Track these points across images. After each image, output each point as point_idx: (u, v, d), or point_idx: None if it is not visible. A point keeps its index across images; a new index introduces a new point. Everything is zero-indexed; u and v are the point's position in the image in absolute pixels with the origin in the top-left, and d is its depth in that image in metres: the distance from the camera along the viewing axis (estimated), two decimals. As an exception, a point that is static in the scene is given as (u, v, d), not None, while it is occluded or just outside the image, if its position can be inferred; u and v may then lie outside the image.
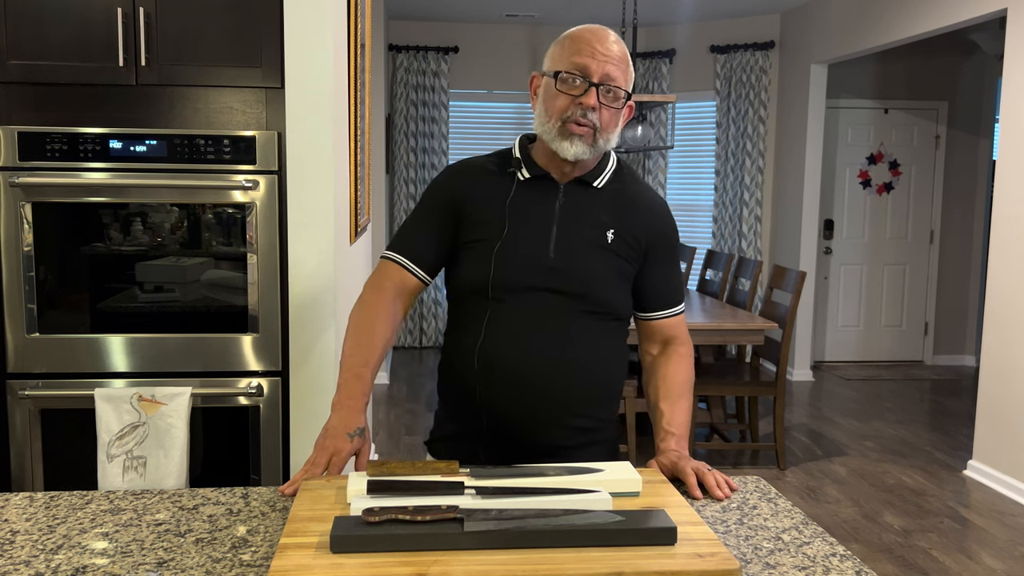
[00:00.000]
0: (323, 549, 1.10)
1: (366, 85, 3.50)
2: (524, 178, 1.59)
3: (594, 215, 1.58)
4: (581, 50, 1.50)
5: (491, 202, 1.57)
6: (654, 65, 7.13)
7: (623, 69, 1.52)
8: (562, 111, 1.50)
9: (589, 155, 1.54)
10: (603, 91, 1.50)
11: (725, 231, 6.96)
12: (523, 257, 1.54)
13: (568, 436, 1.59)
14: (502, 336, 1.54)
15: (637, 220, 1.61)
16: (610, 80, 1.50)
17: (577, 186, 1.59)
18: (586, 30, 1.53)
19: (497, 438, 1.58)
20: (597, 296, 1.57)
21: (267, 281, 2.49)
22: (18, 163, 2.40)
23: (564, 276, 1.54)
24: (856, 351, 7.04)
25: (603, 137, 1.53)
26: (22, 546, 1.23)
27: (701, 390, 4.34)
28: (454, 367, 1.61)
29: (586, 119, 1.49)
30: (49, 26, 2.41)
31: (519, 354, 1.53)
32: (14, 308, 2.44)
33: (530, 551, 1.10)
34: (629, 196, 1.63)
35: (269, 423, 2.53)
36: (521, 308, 1.54)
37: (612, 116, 1.53)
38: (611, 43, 1.51)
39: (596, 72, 1.49)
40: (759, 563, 1.20)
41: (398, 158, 7.15)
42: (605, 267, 1.58)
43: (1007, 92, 4.22)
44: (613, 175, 1.63)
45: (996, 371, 4.26)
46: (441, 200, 1.61)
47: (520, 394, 1.54)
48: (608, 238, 1.58)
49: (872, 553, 3.43)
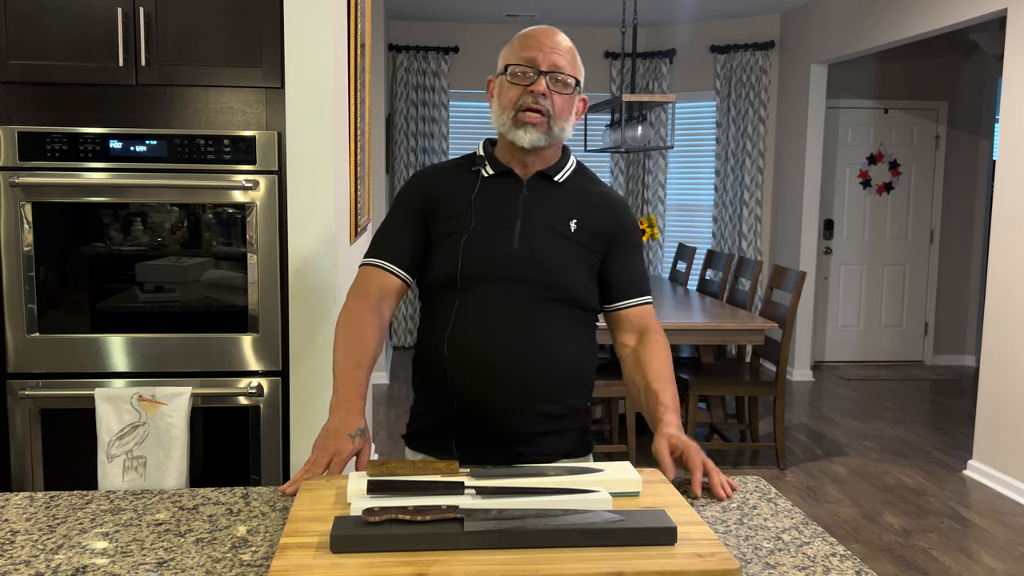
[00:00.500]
0: (323, 549, 1.10)
1: (366, 85, 3.50)
2: (488, 175, 1.66)
3: (557, 206, 1.65)
4: (529, 45, 1.58)
5: (457, 199, 1.64)
6: (654, 65, 7.13)
7: (570, 60, 1.60)
8: (514, 101, 1.58)
9: (544, 142, 1.60)
10: (551, 79, 1.58)
11: (725, 231, 6.96)
12: (489, 248, 1.60)
13: (538, 422, 1.62)
14: (471, 325, 1.59)
15: (598, 214, 1.68)
16: (558, 69, 1.58)
17: (540, 180, 1.66)
18: (534, 28, 1.62)
19: (468, 426, 1.61)
20: (562, 284, 1.62)
21: (267, 281, 2.49)
22: (18, 163, 2.40)
23: (529, 265, 1.60)
24: (856, 351, 7.04)
25: (557, 124, 1.60)
26: (22, 546, 1.23)
27: (701, 390, 4.34)
28: (425, 359, 1.66)
29: (538, 104, 1.56)
30: (49, 26, 2.41)
31: (487, 342, 1.58)
32: (14, 308, 2.44)
33: (530, 551, 1.10)
34: (589, 192, 1.71)
35: (269, 423, 2.53)
36: (488, 298, 1.59)
37: (564, 102, 1.60)
38: (558, 38, 1.61)
39: (544, 62, 1.57)
40: (759, 563, 1.20)
41: (398, 158, 7.16)
42: (569, 256, 1.63)
43: (1007, 92, 4.22)
44: (574, 172, 1.70)
45: (996, 371, 4.26)
46: (411, 201, 1.68)
47: (489, 381, 1.58)
48: (571, 227, 1.64)
49: (872, 553, 3.43)
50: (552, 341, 1.61)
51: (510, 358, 1.57)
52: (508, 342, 1.57)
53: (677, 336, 4.14)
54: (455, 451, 1.63)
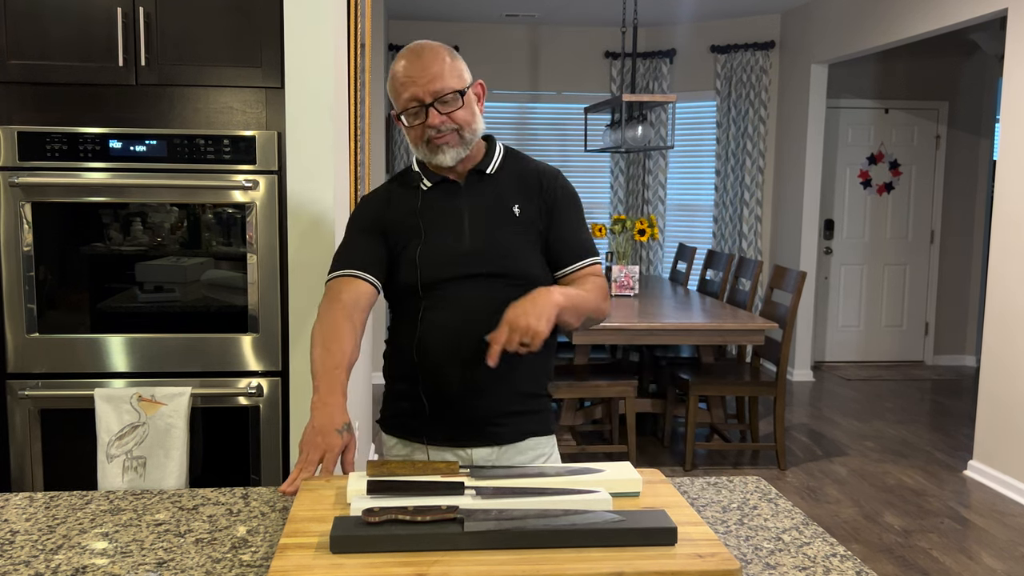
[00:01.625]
0: (323, 549, 1.10)
1: (366, 85, 3.49)
2: (427, 187, 1.73)
3: (497, 196, 1.72)
4: (405, 84, 1.62)
5: (404, 214, 1.71)
6: (654, 65, 7.13)
7: (444, 75, 1.62)
8: (420, 137, 1.65)
9: (465, 152, 1.67)
10: (439, 104, 1.61)
11: (725, 231, 6.96)
12: (443, 251, 1.67)
13: (505, 407, 1.69)
14: (436, 329, 1.66)
15: (535, 188, 1.74)
16: (439, 93, 1.61)
17: (474, 176, 1.73)
18: (401, 60, 1.64)
19: (438, 415, 1.69)
20: (516, 269, 1.68)
21: (267, 281, 2.49)
22: (18, 163, 2.40)
23: (483, 258, 1.66)
24: (856, 351, 7.04)
25: (467, 131, 1.65)
26: (22, 546, 1.23)
27: (701, 390, 4.34)
28: (396, 357, 1.74)
29: (441, 132, 1.63)
30: (49, 26, 2.40)
31: (452, 342, 1.64)
32: (14, 308, 2.44)
33: (530, 551, 1.10)
34: (524, 172, 1.76)
35: (269, 423, 2.53)
36: (449, 300, 1.66)
37: (462, 112, 1.64)
38: (426, 60, 1.62)
39: (425, 94, 1.61)
40: (759, 563, 1.20)
41: (398, 158, 7.15)
42: (518, 240, 1.70)
43: (1007, 92, 4.22)
44: (504, 159, 1.76)
45: (997, 371, 4.25)
46: (364, 220, 1.75)
47: (457, 378, 1.65)
48: (515, 212, 1.71)
49: (872, 553, 3.43)
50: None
51: (476, 353, 1.61)
52: (473, 338, 1.61)
53: (677, 336, 4.14)
54: (425, 438, 1.72)
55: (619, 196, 7.24)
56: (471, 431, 1.69)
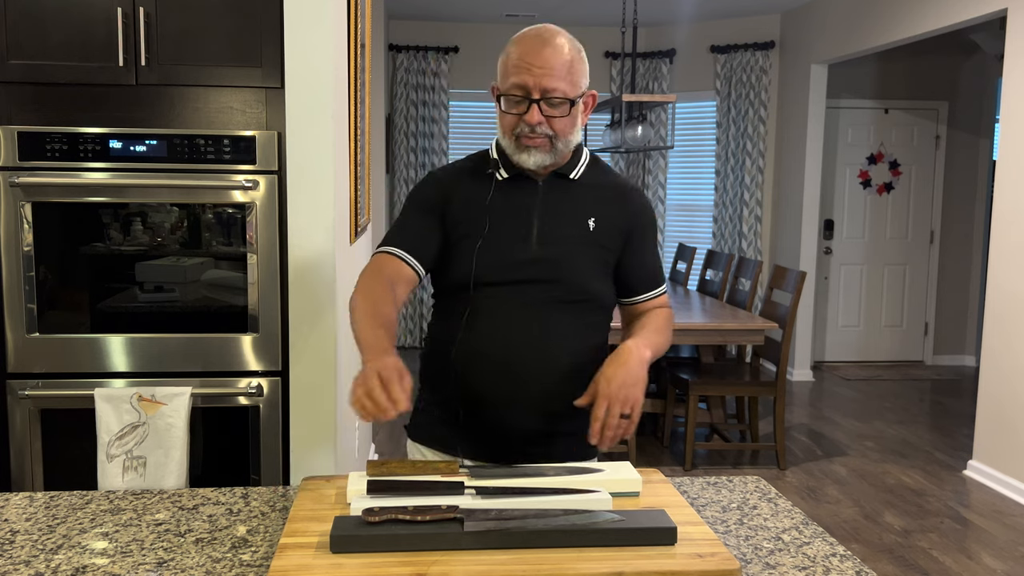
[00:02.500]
0: (323, 549, 1.10)
1: (366, 85, 3.49)
2: (502, 178, 1.61)
3: (575, 206, 1.61)
4: (519, 68, 1.50)
5: (472, 202, 1.60)
6: (654, 65, 7.13)
7: (564, 75, 1.51)
8: (512, 128, 1.54)
9: (550, 160, 1.56)
10: (545, 103, 1.51)
11: (725, 231, 6.96)
12: (504, 252, 1.56)
13: (543, 425, 1.60)
14: (481, 331, 1.56)
15: (616, 208, 1.65)
16: (550, 92, 1.50)
17: (555, 179, 1.62)
18: (523, 41, 1.53)
19: (474, 426, 1.60)
20: (581, 286, 1.59)
21: (267, 281, 2.49)
22: (18, 163, 2.40)
23: (545, 267, 1.57)
24: (856, 351, 7.04)
25: (561, 141, 1.55)
26: (22, 546, 1.23)
27: (701, 390, 4.34)
28: (436, 355, 1.64)
29: (535, 133, 1.52)
30: (49, 26, 2.40)
31: (496, 348, 1.55)
32: (14, 308, 2.44)
33: (530, 551, 1.10)
34: (606, 185, 1.67)
35: (269, 423, 2.53)
36: (501, 303, 1.56)
37: (564, 122, 1.54)
38: (548, 53, 1.50)
39: (535, 88, 1.49)
40: (759, 563, 1.20)
41: (398, 158, 7.16)
42: (588, 257, 1.61)
43: (1007, 92, 4.22)
44: (588, 167, 1.66)
45: (996, 371, 4.25)
46: (427, 201, 1.63)
47: (496, 385, 1.56)
48: (590, 226, 1.61)
49: (872, 553, 3.43)
50: (565, 341, 1.59)
51: (518, 363, 1.55)
52: (518, 347, 1.55)
53: (677, 336, 4.14)
54: (459, 450, 1.62)
55: (619, 196, 7.23)
56: (510, 449, 1.58)
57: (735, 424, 4.96)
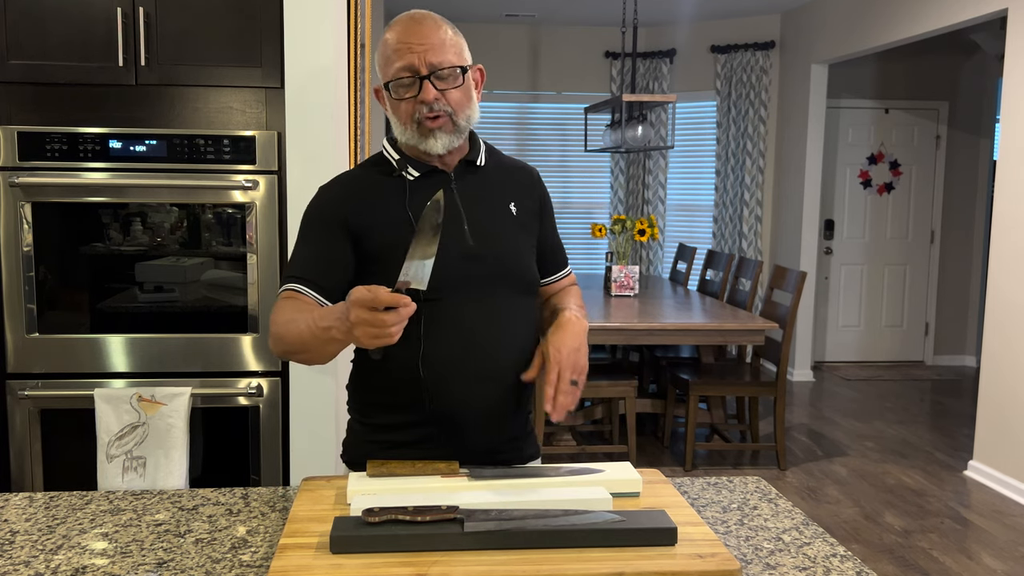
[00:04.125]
0: (323, 549, 1.10)
1: (366, 85, 3.49)
2: (413, 177, 1.51)
3: (492, 193, 1.56)
4: (398, 51, 1.44)
5: (388, 208, 1.49)
6: (654, 65, 7.13)
7: (447, 47, 1.46)
8: (409, 114, 1.46)
9: (457, 142, 1.49)
10: (436, 79, 1.44)
11: (725, 231, 6.96)
12: (445, 254, 1.42)
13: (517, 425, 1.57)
14: (444, 339, 1.45)
15: (525, 189, 1.61)
16: (438, 66, 1.44)
17: (465, 168, 1.55)
18: (397, 26, 1.47)
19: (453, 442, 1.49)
20: (520, 273, 1.54)
21: (267, 281, 2.49)
22: (18, 163, 2.40)
23: (488, 260, 1.49)
24: (857, 351, 7.04)
25: (461, 116, 1.48)
26: (22, 546, 1.23)
27: (702, 390, 4.34)
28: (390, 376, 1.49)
29: (434, 111, 1.45)
30: (49, 26, 2.40)
31: (460, 350, 1.46)
32: (14, 308, 2.44)
33: (530, 551, 1.10)
34: (510, 167, 1.63)
35: (269, 423, 2.53)
36: (456, 306, 1.46)
37: (461, 93, 1.48)
38: (424, 29, 1.45)
39: (421, 65, 1.43)
40: (759, 563, 1.20)
41: (398, 158, 7.14)
42: (519, 241, 1.56)
43: (1007, 92, 4.22)
44: (488, 152, 1.60)
45: (997, 371, 4.25)
46: (331, 220, 1.49)
47: (475, 391, 1.47)
48: (513, 211, 1.56)
49: (873, 553, 3.43)
50: (520, 337, 1.53)
51: (492, 364, 1.48)
52: (486, 348, 1.47)
53: (677, 336, 4.14)
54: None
55: (619, 196, 7.23)
56: (479, 458, 1.49)
57: (735, 424, 4.96)
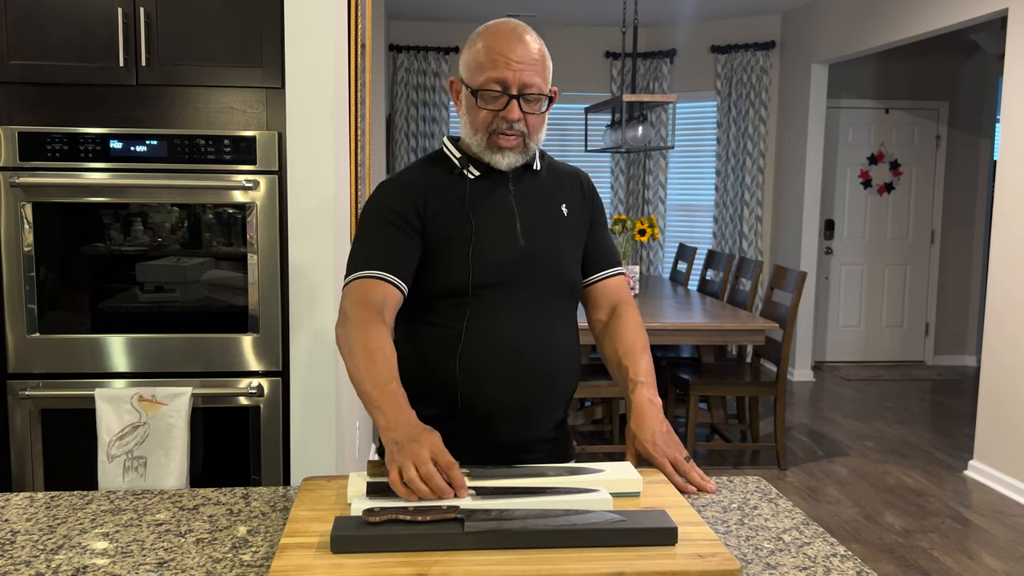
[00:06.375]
0: (323, 549, 1.10)
1: (366, 85, 3.49)
2: (474, 176, 1.56)
3: (547, 195, 1.61)
4: (496, 62, 1.46)
5: (449, 205, 1.53)
6: (654, 65, 7.13)
7: (539, 70, 1.49)
8: (487, 124, 1.49)
9: (522, 161, 1.54)
10: (523, 100, 1.48)
11: (725, 231, 6.96)
12: (497, 251, 1.51)
13: (548, 427, 1.59)
14: (484, 336, 1.49)
15: (576, 192, 1.66)
16: (529, 88, 1.47)
17: (522, 172, 1.59)
18: (496, 36, 1.48)
19: (479, 438, 1.51)
20: (566, 275, 1.59)
21: (267, 281, 2.49)
22: (18, 163, 2.40)
23: (538, 262, 1.54)
24: (857, 351, 7.04)
25: (533, 140, 1.53)
26: (22, 546, 1.23)
27: (702, 390, 4.34)
28: (428, 370, 1.52)
29: (513, 130, 1.49)
30: (49, 26, 2.40)
31: (500, 349, 1.50)
32: (14, 308, 2.44)
33: (530, 551, 1.10)
34: (562, 172, 1.68)
35: (269, 423, 2.53)
36: (500, 304, 1.50)
37: (539, 120, 1.52)
38: (523, 48, 1.47)
39: (514, 83, 1.46)
40: (760, 563, 1.20)
41: (398, 158, 7.15)
42: (568, 243, 1.61)
43: (1008, 92, 4.22)
44: (542, 157, 1.65)
45: (997, 371, 4.25)
46: (396, 213, 1.52)
47: (507, 387, 1.50)
48: (564, 212, 1.61)
49: (873, 553, 3.43)
50: (559, 337, 1.57)
51: (529, 364, 1.51)
52: (523, 346, 1.50)
53: (677, 336, 4.14)
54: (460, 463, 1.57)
55: (619, 196, 7.24)
56: (508, 456, 1.51)
57: (735, 424, 4.96)
